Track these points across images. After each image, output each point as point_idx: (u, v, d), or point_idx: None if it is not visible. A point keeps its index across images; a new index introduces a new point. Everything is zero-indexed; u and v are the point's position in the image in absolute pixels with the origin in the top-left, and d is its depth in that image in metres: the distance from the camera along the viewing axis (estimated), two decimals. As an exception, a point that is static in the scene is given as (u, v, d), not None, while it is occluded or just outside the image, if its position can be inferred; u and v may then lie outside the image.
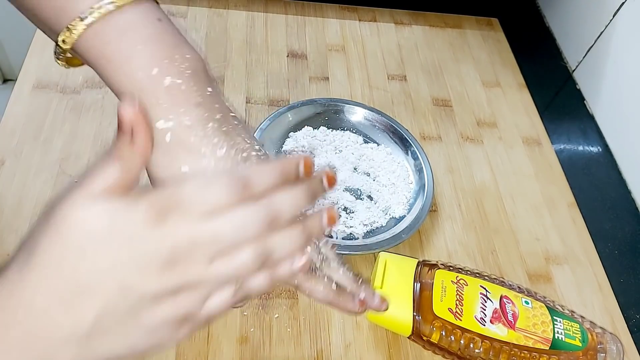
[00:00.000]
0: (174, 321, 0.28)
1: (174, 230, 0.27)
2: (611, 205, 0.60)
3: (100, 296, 0.26)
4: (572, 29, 0.72)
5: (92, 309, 0.26)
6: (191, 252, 0.28)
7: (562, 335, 0.45)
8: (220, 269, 0.28)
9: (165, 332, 0.28)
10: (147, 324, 0.28)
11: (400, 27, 0.79)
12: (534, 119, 0.71)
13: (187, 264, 0.27)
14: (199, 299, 0.29)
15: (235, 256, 0.29)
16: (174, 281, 0.27)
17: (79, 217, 0.26)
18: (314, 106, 0.62)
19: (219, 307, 0.30)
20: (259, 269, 0.30)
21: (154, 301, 0.27)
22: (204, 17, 0.73)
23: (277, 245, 0.30)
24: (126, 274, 0.27)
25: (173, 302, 0.28)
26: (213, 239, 0.28)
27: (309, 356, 0.47)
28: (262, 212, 0.29)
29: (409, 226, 0.53)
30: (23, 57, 0.64)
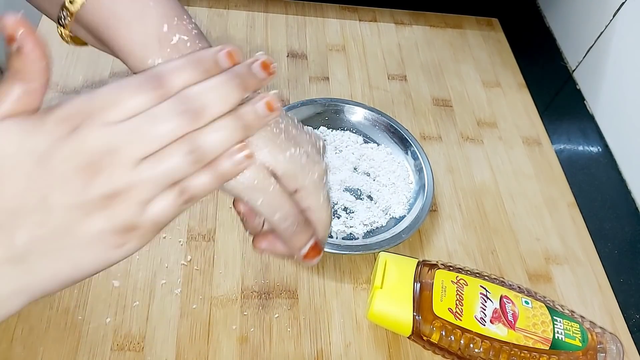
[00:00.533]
0: (112, 232, 0.27)
1: (88, 136, 0.26)
2: (611, 205, 0.60)
3: (26, 217, 0.26)
4: (572, 29, 0.72)
5: (21, 232, 0.26)
6: (110, 156, 0.26)
7: (562, 335, 0.45)
8: (148, 170, 0.27)
9: (108, 244, 0.27)
10: (84, 237, 0.27)
11: (400, 27, 0.79)
12: (534, 119, 0.71)
13: (108, 168, 0.26)
14: (135, 205, 0.27)
15: (164, 156, 0.27)
16: (98, 188, 0.26)
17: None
18: (314, 106, 0.62)
19: (162, 212, 0.28)
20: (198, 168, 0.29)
21: (82, 212, 0.26)
22: (204, 17, 0.73)
23: (210, 140, 0.29)
24: (46, 190, 0.26)
25: (105, 211, 0.27)
26: (131, 138, 0.27)
27: (309, 356, 0.47)
28: (181, 106, 0.28)
29: (409, 226, 0.53)
30: (23, 57, 0.64)
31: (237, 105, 0.30)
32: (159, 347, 0.45)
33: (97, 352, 0.44)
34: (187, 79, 0.29)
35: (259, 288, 0.50)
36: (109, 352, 0.44)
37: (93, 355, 0.44)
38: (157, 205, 0.28)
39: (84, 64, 0.64)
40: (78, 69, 0.63)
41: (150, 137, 0.27)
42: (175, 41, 0.32)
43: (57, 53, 0.65)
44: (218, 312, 0.48)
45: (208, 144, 0.28)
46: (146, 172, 0.27)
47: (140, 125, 0.27)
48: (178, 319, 0.47)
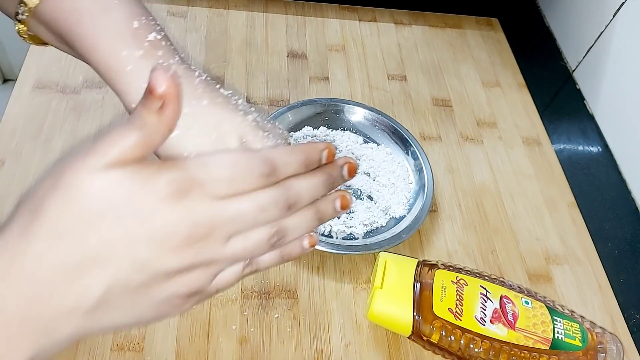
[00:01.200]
0: (183, 296, 0.28)
1: (195, 209, 0.26)
2: (611, 205, 0.60)
3: (111, 270, 0.25)
4: (572, 29, 0.71)
5: (100, 283, 0.25)
6: (210, 232, 0.27)
7: (562, 335, 0.45)
8: (236, 249, 0.28)
9: (173, 305, 0.28)
10: (156, 299, 0.27)
11: (400, 27, 0.79)
12: (534, 119, 0.71)
13: (204, 243, 0.27)
14: (211, 276, 0.28)
15: (252, 237, 0.29)
16: (189, 259, 0.27)
17: (93, 185, 0.25)
18: (314, 106, 0.62)
19: (228, 282, 0.30)
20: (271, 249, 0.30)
21: (166, 277, 0.27)
22: (204, 17, 0.73)
23: (291, 227, 0.31)
24: (141, 249, 0.25)
25: (185, 279, 0.27)
26: (233, 219, 0.28)
27: (309, 356, 0.47)
28: (283, 197, 0.29)
29: (409, 226, 0.53)
30: (23, 57, 0.64)
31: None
32: (159, 347, 0.45)
33: (97, 352, 0.44)
34: (294, 171, 0.30)
35: (259, 288, 0.50)
36: (109, 352, 0.44)
37: (93, 356, 0.44)
38: (225, 276, 0.30)
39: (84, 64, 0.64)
40: (78, 69, 0.63)
41: (251, 221, 0.28)
42: (152, 38, 0.33)
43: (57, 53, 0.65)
44: (218, 312, 0.48)
45: (291, 232, 0.31)
46: (234, 250, 0.28)
47: (246, 209, 0.28)
48: (178, 319, 0.47)
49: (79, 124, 0.59)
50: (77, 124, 0.59)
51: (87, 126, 0.59)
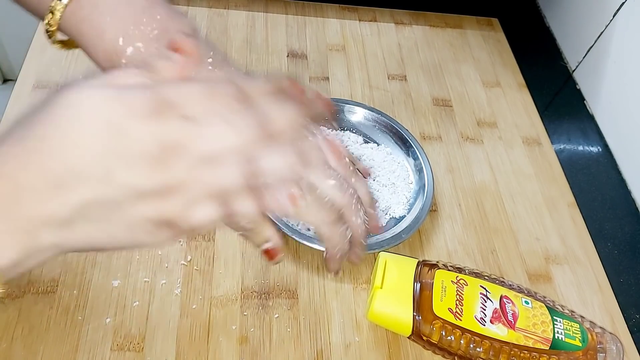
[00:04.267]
0: (155, 222, 0.28)
1: (170, 127, 0.27)
2: (611, 205, 0.60)
3: (88, 183, 0.27)
4: (572, 29, 0.72)
5: (78, 195, 0.27)
6: (181, 152, 0.27)
7: (562, 335, 0.45)
8: (204, 174, 0.28)
9: (146, 231, 0.29)
10: (129, 219, 0.28)
11: (400, 27, 0.79)
12: (534, 119, 0.71)
13: (176, 163, 0.27)
14: (182, 205, 0.28)
15: (224, 166, 0.28)
16: (160, 179, 0.27)
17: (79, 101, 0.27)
18: (314, 106, 0.62)
19: (200, 219, 0.29)
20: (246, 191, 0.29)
21: (138, 197, 0.27)
22: (204, 17, 0.73)
23: (268, 160, 0.30)
24: (116, 164, 0.27)
25: (156, 202, 0.28)
26: (206, 141, 0.28)
27: (309, 356, 0.47)
28: (256, 119, 0.29)
29: (409, 226, 0.53)
30: (23, 57, 0.64)
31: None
32: (159, 347, 0.45)
33: (97, 352, 0.44)
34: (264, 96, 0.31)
35: (259, 288, 0.50)
36: (109, 352, 0.44)
37: (93, 355, 0.44)
38: (198, 211, 0.29)
39: (84, 64, 0.64)
40: (78, 69, 0.63)
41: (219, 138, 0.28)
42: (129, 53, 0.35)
43: (57, 53, 0.65)
44: (218, 312, 0.48)
45: (266, 165, 0.29)
46: (203, 176, 0.28)
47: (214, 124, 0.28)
48: (178, 319, 0.47)
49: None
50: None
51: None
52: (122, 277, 0.49)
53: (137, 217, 0.28)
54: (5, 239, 0.26)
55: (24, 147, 0.26)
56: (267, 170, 0.29)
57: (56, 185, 0.26)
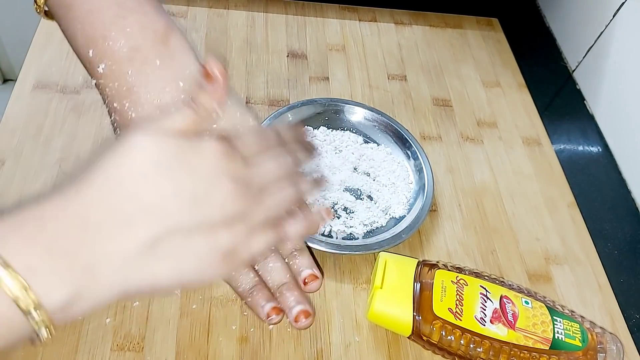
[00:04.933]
0: (222, 253, 0.30)
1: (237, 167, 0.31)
2: (611, 205, 0.60)
3: (160, 219, 0.27)
4: (572, 29, 0.72)
5: (148, 230, 0.27)
6: (249, 187, 0.31)
7: (562, 335, 0.45)
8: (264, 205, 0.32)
9: (212, 263, 0.30)
10: (198, 251, 0.29)
11: (400, 27, 0.79)
12: (534, 119, 0.71)
13: (244, 197, 0.31)
14: (247, 235, 0.31)
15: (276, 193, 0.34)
16: (231, 210, 0.30)
17: (148, 144, 0.28)
18: (314, 106, 0.62)
19: (260, 246, 0.33)
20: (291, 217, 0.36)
21: (211, 230, 0.29)
22: (204, 17, 0.73)
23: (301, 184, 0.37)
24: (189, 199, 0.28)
25: (226, 233, 0.30)
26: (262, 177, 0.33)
27: (308, 356, 0.47)
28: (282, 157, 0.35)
29: (409, 226, 0.53)
30: (23, 57, 0.64)
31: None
32: (159, 347, 0.45)
33: (97, 352, 0.44)
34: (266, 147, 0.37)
35: (259, 288, 0.50)
36: (109, 352, 0.44)
37: (93, 356, 0.44)
38: (258, 239, 0.33)
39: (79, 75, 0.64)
40: (78, 69, 0.63)
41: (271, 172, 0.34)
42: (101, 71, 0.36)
43: (57, 53, 0.65)
44: (218, 312, 0.48)
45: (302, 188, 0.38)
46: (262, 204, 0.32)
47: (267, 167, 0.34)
48: (178, 319, 0.47)
49: (79, 124, 0.59)
50: (77, 124, 0.59)
51: (87, 126, 0.59)
52: (122, 277, 0.48)
53: (207, 249, 0.30)
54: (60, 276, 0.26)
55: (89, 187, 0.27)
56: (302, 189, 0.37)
57: (126, 222, 0.27)
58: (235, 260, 0.31)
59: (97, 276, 0.27)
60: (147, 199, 0.27)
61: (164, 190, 0.28)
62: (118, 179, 0.27)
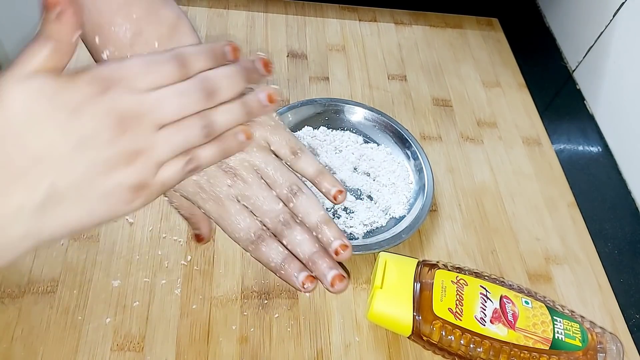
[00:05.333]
0: (128, 187, 0.30)
1: (120, 99, 0.29)
2: (611, 205, 0.60)
3: (52, 166, 0.27)
4: (572, 29, 0.72)
5: (44, 179, 0.27)
6: (138, 119, 0.30)
7: (562, 335, 0.45)
8: (167, 135, 0.31)
9: (122, 198, 0.30)
10: (102, 189, 0.29)
11: (400, 27, 0.79)
12: (534, 119, 0.71)
13: (135, 129, 0.30)
14: (151, 166, 0.31)
15: (181, 125, 0.32)
16: (123, 145, 0.29)
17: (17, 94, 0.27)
18: (314, 106, 0.62)
19: (171, 176, 0.32)
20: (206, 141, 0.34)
21: (106, 166, 0.29)
22: (204, 17, 0.73)
23: (219, 116, 0.34)
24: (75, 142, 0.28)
25: (126, 168, 0.29)
26: (158, 107, 0.31)
27: (309, 356, 0.47)
28: (200, 84, 0.33)
29: (409, 226, 0.53)
30: (23, 57, 0.64)
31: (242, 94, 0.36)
32: (159, 347, 0.45)
33: (97, 352, 0.44)
34: (204, 65, 0.34)
35: (259, 288, 0.50)
36: (109, 352, 0.44)
37: (93, 356, 0.44)
38: (168, 169, 0.32)
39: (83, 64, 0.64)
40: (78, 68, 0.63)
41: (173, 107, 0.31)
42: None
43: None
44: (218, 312, 0.48)
45: (219, 122, 0.34)
46: (166, 137, 0.31)
47: (165, 97, 0.31)
48: (178, 319, 0.47)
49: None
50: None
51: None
52: (122, 277, 0.49)
53: (112, 186, 0.29)
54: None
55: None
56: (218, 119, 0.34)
57: (20, 175, 0.27)
58: (148, 192, 0.31)
59: (5, 231, 0.27)
60: (33, 148, 0.27)
61: (48, 136, 0.27)
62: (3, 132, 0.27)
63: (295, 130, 0.61)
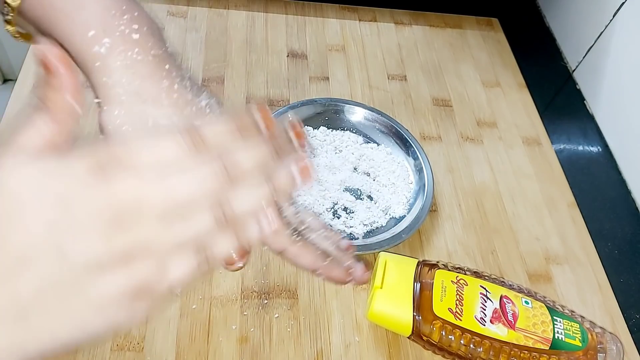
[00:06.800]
0: (128, 294, 0.24)
1: (118, 186, 0.24)
2: (611, 205, 0.60)
3: (38, 267, 0.23)
4: (572, 29, 0.72)
5: (28, 283, 0.23)
6: (139, 211, 0.24)
7: (562, 335, 0.45)
8: (175, 229, 0.25)
9: (119, 308, 0.25)
10: (96, 298, 0.24)
11: (400, 27, 0.79)
12: (534, 119, 0.71)
13: (135, 224, 0.24)
14: (156, 267, 0.25)
15: (192, 215, 0.25)
16: (121, 245, 0.24)
17: (5, 180, 0.23)
18: (314, 106, 0.62)
19: (181, 277, 0.26)
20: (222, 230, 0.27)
21: (100, 269, 0.24)
22: (204, 17, 0.73)
23: (238, 200, 0.27)
24: (64, 238, 0.23)
25: (125, 271, 0.24)
26: (164, 195, 0.25)
27: (309, 356, 0.47)
28: (217, 165, 0.26)
29: (409, 226, 0.53)
30: (23, 57, 0.64)
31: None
32: (159, 347, 0.45)
33: (97, 352, 0.44)
34: (226, 139, 0.27)
35: (259, 288, 0.50)
36: (109, 352, 0.44)
37: (93, 356, 0.44)
38: (176, 268, 0.26)
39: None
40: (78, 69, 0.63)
41: (185, 196, 0.25)
42: (122, 30, 0.33)
43: (57, 53, 0.65)
44: (218, 312, 0.48)
45: (239, 206, 0.27)
46: (173, 231, 0.25)
47: (176, 182, 0.25)
48: (178, 319, 0.47)
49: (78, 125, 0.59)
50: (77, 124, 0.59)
51: (86, 126, 0.59)
52: (122, 277, 0.49)
53: (106, 293, 0.24)
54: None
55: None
56: (237, 205, 0.27)
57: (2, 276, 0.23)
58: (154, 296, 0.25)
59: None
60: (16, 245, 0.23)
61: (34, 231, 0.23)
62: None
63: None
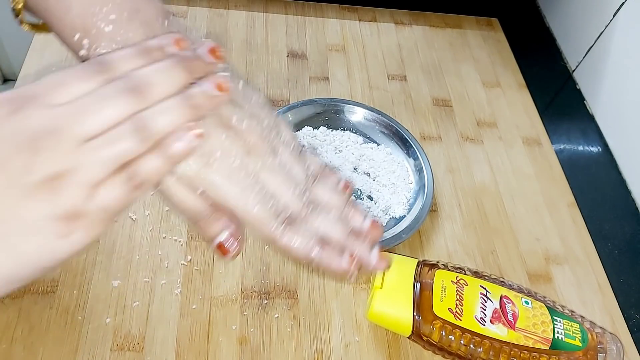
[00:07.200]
0: (56, 216, 0.25)
1: (30, 116, 0.25)
2: (611, 205, 0.60)
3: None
4: (572, 29, 0.72)
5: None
6: (53, 135, 0.25)
7: (562, 335, 0.45)
8: (93, 150, 0.26)
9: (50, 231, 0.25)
10: (24, 222, 0.25)
11: (400, 27, 0.79)
12: (534, 119, 0.71)
13: (51, 148, 0.25)
14: (79, 189, 0.26)
15: (109, 135, 0.26)
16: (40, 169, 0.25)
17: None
18: (314, 106, 0.62)
19: (110, 198, 0.27)
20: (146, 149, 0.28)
21: (23, 194, 0.25)
22: (204, 17, 0.73)
23: (155, 117, 0.28)
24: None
25: (48, 194, 0.25)
26: (74, 117, 0.26)
27: (309, 356, 0.47)
28: (124, 83, 0.27)
29: (409, 226, 0.53)
30: (23, 57, 0.64)
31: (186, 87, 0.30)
32: (159, 347, 0.45)
33: (97, 352, 0.44)
34: (133, 64, 0.28)
35: (259, 288, 0.50)
36: (109, 352, 0.44)
37: (93, 356, 0.44)
38: (104, 191, 0.27)
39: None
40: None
41: (94, 115, 0.26)
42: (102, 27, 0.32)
43: (57, 54, 0.65)
44: (218, 312, 0.48)
45: (156, 123, 0.28)
46: (91, 152, 0.26)
47: (83, 105, 0.26)
48: (178, 319, 0.47)
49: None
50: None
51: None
52: (122, 277, 0.49)
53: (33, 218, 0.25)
54: None
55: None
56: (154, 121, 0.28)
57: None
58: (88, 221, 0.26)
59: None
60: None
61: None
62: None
63: (295, 130, 0.61)
